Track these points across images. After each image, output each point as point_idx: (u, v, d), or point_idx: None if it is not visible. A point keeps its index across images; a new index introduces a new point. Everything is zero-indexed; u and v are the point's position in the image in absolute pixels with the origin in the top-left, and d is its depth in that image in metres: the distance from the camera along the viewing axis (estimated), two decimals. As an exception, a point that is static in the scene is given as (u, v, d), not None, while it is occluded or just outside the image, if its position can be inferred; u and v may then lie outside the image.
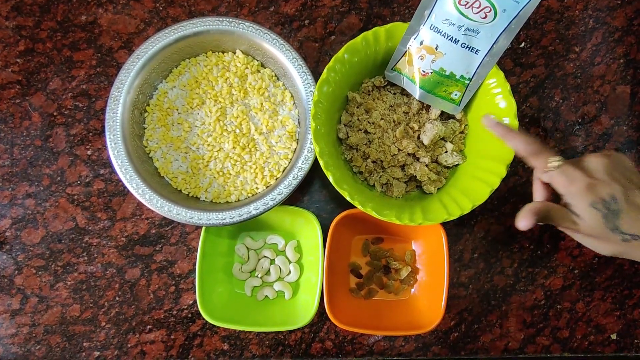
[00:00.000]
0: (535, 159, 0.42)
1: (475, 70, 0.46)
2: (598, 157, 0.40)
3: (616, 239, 0.39)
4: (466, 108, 0.50)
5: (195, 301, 0.54)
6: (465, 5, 0.44)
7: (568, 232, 0.43)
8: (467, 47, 0.46)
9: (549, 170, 0.41)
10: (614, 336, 0.54)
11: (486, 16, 0.44)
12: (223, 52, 0.53)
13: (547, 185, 0.43)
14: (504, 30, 0.45)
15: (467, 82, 0.47)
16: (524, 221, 0.41)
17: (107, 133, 0.48)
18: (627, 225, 0.39)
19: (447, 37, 0.46)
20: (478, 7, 0.44)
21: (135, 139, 0.50)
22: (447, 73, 0.47)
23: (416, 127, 0.50)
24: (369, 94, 0.52)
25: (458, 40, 0.45)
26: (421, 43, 0.47)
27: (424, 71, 0.47)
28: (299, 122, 0.52)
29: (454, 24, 0.45)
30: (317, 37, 0.57)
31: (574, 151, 0.55)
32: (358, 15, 0.57)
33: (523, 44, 0.57)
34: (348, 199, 0.44)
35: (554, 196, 0.43)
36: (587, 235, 0.41)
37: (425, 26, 0.46)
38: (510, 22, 0.44)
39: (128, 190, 0.48)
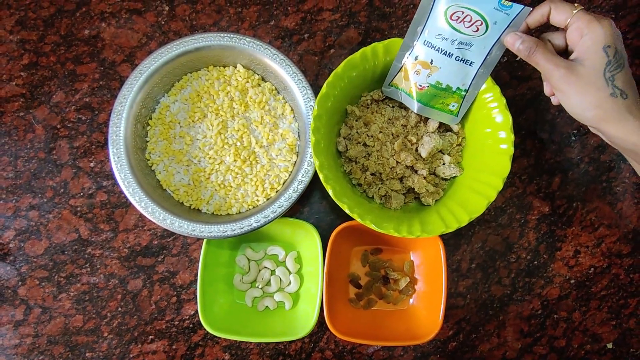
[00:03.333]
0: (557, 6, 0.42)
1: (471, 81, 0.47)
2: (610, 21, 0.40)
3: (605, 90, 0.39)
4: (463, 121, 0.51)
5: (196, 312, 0.54)
6: (457, 20, 0.45)
7: (553, 81, 0.41)
8: (462, 60, 0.47)
9: (573, 16, 0.40)
10: (610, 345, 0.55)
11: (478, 29, 0.45)
12: (224, 67, 0.53)
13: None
14: (496, 42, 0.46)
15: (463, 93, 0.48)
16: (510, 37, 0.42)
17: (110, 147, 0.49)
18: (621, 81, 0.39)
19: (441, 51, 0.46)
20: (469, 21, 0.45)
21: (138, 152, 0.51)
22: (444, 86, 0.48)
23: (414, 140, 0.51)
24: (368, 108, 0.52)
25: (452, 54, 0.46)
26: (416, 58, 0.48)
27: (420, 85, 0.48)
28: (299, 135, 0.53)
29: (447, 39, 0.46)
30: (316, 50, 0.58)
31: (569, 162, 0.56)
32: (357, 29, 0.58)
33: (519, 57, 0.58)
34: (348, 212, 0.45)
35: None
36: (575, 81, 0.40)
37: (419, 42, 0.47)
38: (502, 34, 0.45)
39: (130, 202, 0.48)
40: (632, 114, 0.39)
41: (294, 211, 0.56)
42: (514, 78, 0.57)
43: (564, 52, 0.43)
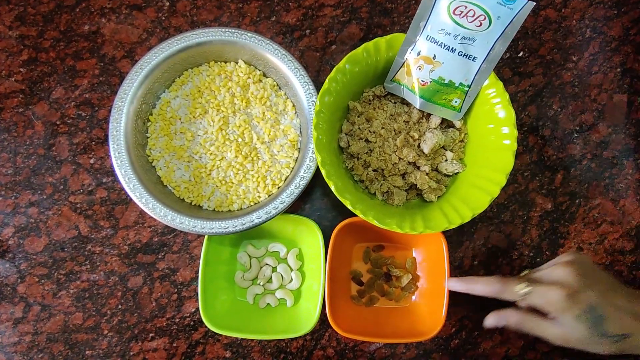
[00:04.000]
0: (502, 294, 0.43)
1: (474, 77, 0.47)
2: (563, 268, 0.41)
3: (607, 342, 0.40)
4: (466, 117, 0.51)
5: (197, 309, 0.54)
6: (459, 14, 0.45)
7: (554, 342, 0.42)
8: (464, 55, 0.46)
9: (521, 298, 0.42)
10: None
11: (481, 24, 0.45)
12: (225, 62, 0.53)
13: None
14: (499, 37, 0.45)
15: (466, 89, 0.48)
16: (492, 320, 0.43)
17: (110, 142, 0.48)
18: (614, 327, 0.39)
19: (444, 46, 0.46)
20: (472, 16, 0.45)
21: (138, 148, 0.50)
22: (446, 81, 0.48)
23: (416, 136, 0.50)
24: (370, 103, 0.52)
25: (455, 49, 0.46)
26: (419, 54, 0.47)
27: (423, 81, 0.48)
28: (300, 131, 0.52)
29: (449, 34, 0.46)
30: (318, 46, 0.58)
31: (572, 159, 0.56)
32: (359, 25, 0.58)
33: (521, 54, 0.57)
34: (350, 207, 0.45)
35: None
36: (578, 343, 0.41)
37: (421, 37, 0.47)
38: (505, 29, 0.45)
39: (131, 199, 0.48)
40: None
41: (295, 208, 0.56)
42: (516, 74, 0.57)
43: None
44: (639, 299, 0.41)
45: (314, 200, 0.56)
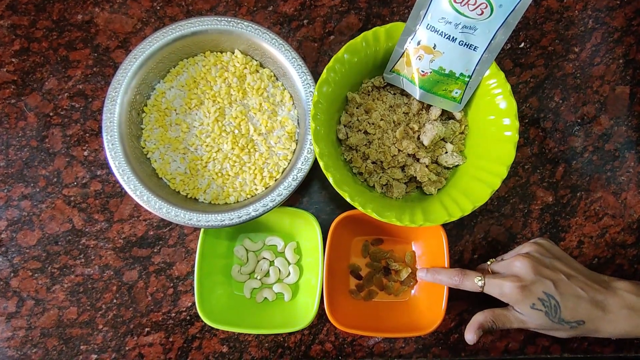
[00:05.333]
0: (462, 285, 0.45)
1: (475, 67, 0.46)
2: (520, 260, 0.43)
3: (564, 328, 0.42)
4: (466, 108, 0.50)
5: (193, 303, 0.53)
6: (461, 2, 0.44)
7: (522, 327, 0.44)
8: (465, 44, 0.45)
9: (479, 289, 0.44)
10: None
11: (482, 12, 0.44)
12: (221, 52, 0.52)
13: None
14: (501, 26, 0.45)
15: (467, 79, 0.47)
16: (471, 335, 0.44)
17: (104, 134, 0.47)
18: (569, 315, 0.42)
19: (445, 35, 0.45)
20: (474, 4, 0.44)
21: (133, 140, 0.49)
22: (447, 72, 0.47)
23: (416, 128, 0.50)
24: (369, 95, 0.51)
25: (456, 38, 0.45)
26: (419, 43, 0.46)
27: (423, 71, 0.47)
28: (298, 123, 0.51)
29: (450, 22, 0.45)
30: (316, 37, 0.57)
31: (573, 152, 0.55)
32: (357, 15, 0.57)
33: (523, 44, 0.57)
34: (348, 200, 0.44)
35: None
36: (540, 327, 0.43)
37: (421, 26, 0.46)
38: (507, 17, 0.44)
39: (125, 192, 0.47)
40: (600, 320, 0.41)
41: (293, 201, 0.55)
42: (517, 65, 0.56)
43: None
44: (600, 283, 0.43)
45: (311, 193, 0.55)
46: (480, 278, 0.44)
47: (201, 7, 0.57)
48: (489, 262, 0.47)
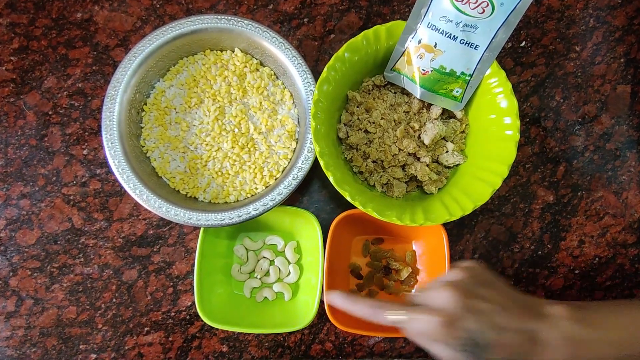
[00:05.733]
0: (376, 319, 0.38)
1: (476, 66, 0.46)
2: (443, 291, 0.36)
3: None
4: (467, 107, 0.50)
5: (193, 303, 0.53)
6: (462, 1, 0.44)
7: None
8: (466, 43, 0.45)
9: (397, 324, 0.37)
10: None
11: (484, 11, 0.44)
12: (221, 51, 0.52)
13: None
14: (502, 24, 0.44)
15: (468, 78, 0.47)
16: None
17: (103, 132, 0.47)
18: (496, 353, 0.35)
19: (446, 34, 0.45)
20: (475, 3, 0.44)
21: (133, 139, 0.49)
22: (448, 70, 0.47)
23: (417, 127, 0.49)
24: (369, 93, 0.51)
25: (457, 37, 0.45)
26: (419, 42, 0.46)
27: (423, 70, 0.47)
28: (298, 122, 0.51)
29: (451, 21, 0.45)
30: (316, 35, 0.56)
31: (574, 151, 0.55)
32: (358, 13, 0.57)
33: (524, 43, 0.56)
34: (349, 199, 0.44)
35: None
36: None
37: (422, 25, 0.46)
38: (509, 16, 0.44)
39: (125, 191, 0.47)
40: (535, 355, 0.35)
41: (293, 200, 0.55)
42: (518, 64, 0.56)
43: None
44: (533, 311, 0.37)
45: (312, 193, 0.55)
46: (398, 313, 0.37)
47: (201, 5, 0.57)
48: (413, 291, 0.41)
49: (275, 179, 0.50)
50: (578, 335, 0.36)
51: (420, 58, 0.47)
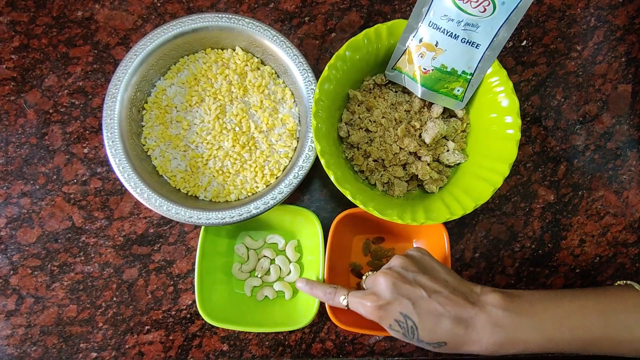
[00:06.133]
0: (334, 302, 0.44)
1: (477, 64, 0.46)
2: (381, 276, 0.41)
3: (427, 347, 0.39)
4: (468, 106, 0.50)
5: (194, 301, 0.53)
6: (463, 0, 0.44)
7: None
8: (468, 42, 0.45)
9: (345, 306, 0.43)
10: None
11: (485, 10, 0.44)
12: (222, 49, 0.52)
13: None
14: (503, 23, 0.44)
15: (469, 77, 0.47)
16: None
17: (104, 131, 0.47)
18: (427, 336, 0.38)
19: (447, 33, 0.45)
20: (477, 1, 0.44)
21: (133, 137, 0.49)
22: (449, 69, 0.46)
23: (418, 126, 0.49)
24: (370, 92, 0.51)
25: (458, 36, 0.45)
26: (420, 41, 0.46)
27: (424, 69, 0.47)
28: (299, 120, 0.51)
29: (452, 20, 0.44)
30: (317, 34, 0.56)
31: (575, 150, 0.55)
32: (359, 12, 0.57)
33: (525, 42, 0.56)
34: (350, 198, 0.44)
35: None
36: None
37: (424, 23, 0.46)
38: (510, 15, 0.44)
39: (126, 189, 0.47)
40: (463, 338, 0.38)
41: (294, 199, 0.55)
42: (519, 64, 0.56)
43: None
44: (468, 298, 0.39)
45: (312, 191, 0.55)
46: (344, 296, 0.43)
47: (202, 3, 0.57)
48: (364, 276, 0.45)
49: (276, 178, 0.50)
50: (506, 322, 0.38)
51: (421, 57, 0.47)
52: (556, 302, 0.40)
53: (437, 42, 0.46)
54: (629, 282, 0.43)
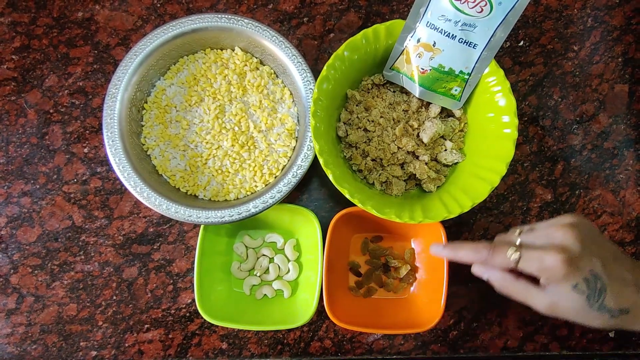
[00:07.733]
0: (491, 260, 0.37)
1: (474, 64, 0.46)
2: (563, 230, 0.35)
3: (604, 317, 0.35)
4: (466, 106, 0.50)
5: (193, 300, 0.53)
6: (460, 0, 0.44)
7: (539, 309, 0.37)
8: (465, 42, 0.46)
9: (514, 265, 0.36)
10: (612, 334, 0.54)
11: (482, 10, 0.44)
12: (222, 49, 0.52)
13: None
14: (500, 23, 0.45)
15: (466, 77, 0.47)
16: (476, 270, 0.37)
17: (104, 130, 0.47)
18: (613, 302, 0.35)
19: (444, 33, 0.45)
20: (474, 2, 0.44)
21: (133, 137, 0.49)
22: (446, 69, 0.47)
23: (416, 125, 0.50)
24: (369, 92, 0.51)
25: (455, 36, 0.45)
26: (418, 41, 0.47)
27: (422, 69, 0.47)
28: (298, 120, 0.51)
29: (450, 20, 0.45)
30: (316, 34, 0.57)
31: (572, 150, 0.55)
32: (357, 12, 0.57)
33: (522, 43, 0.57)
34: (348, 197, 0.44)
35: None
36: (567, 314, 0.36)
37: (421, 24, 0.46)
38: (507, 15, 0.44)
39: (125, 189, 0.47)
40: None
41: (292, 198, 0.55)
42: (517, 64, 0.57)
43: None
44: None
45: (311, 191, 0.55)
46: (515, 249, 0.36)
47: (201, 4, 0.57)
48: (517, 232, 0.38)
49: (275, 177, 0.50)
50: None
51: (419, 57, 0.47)
52: None
53: (434, 42, 0.46)
54: None
